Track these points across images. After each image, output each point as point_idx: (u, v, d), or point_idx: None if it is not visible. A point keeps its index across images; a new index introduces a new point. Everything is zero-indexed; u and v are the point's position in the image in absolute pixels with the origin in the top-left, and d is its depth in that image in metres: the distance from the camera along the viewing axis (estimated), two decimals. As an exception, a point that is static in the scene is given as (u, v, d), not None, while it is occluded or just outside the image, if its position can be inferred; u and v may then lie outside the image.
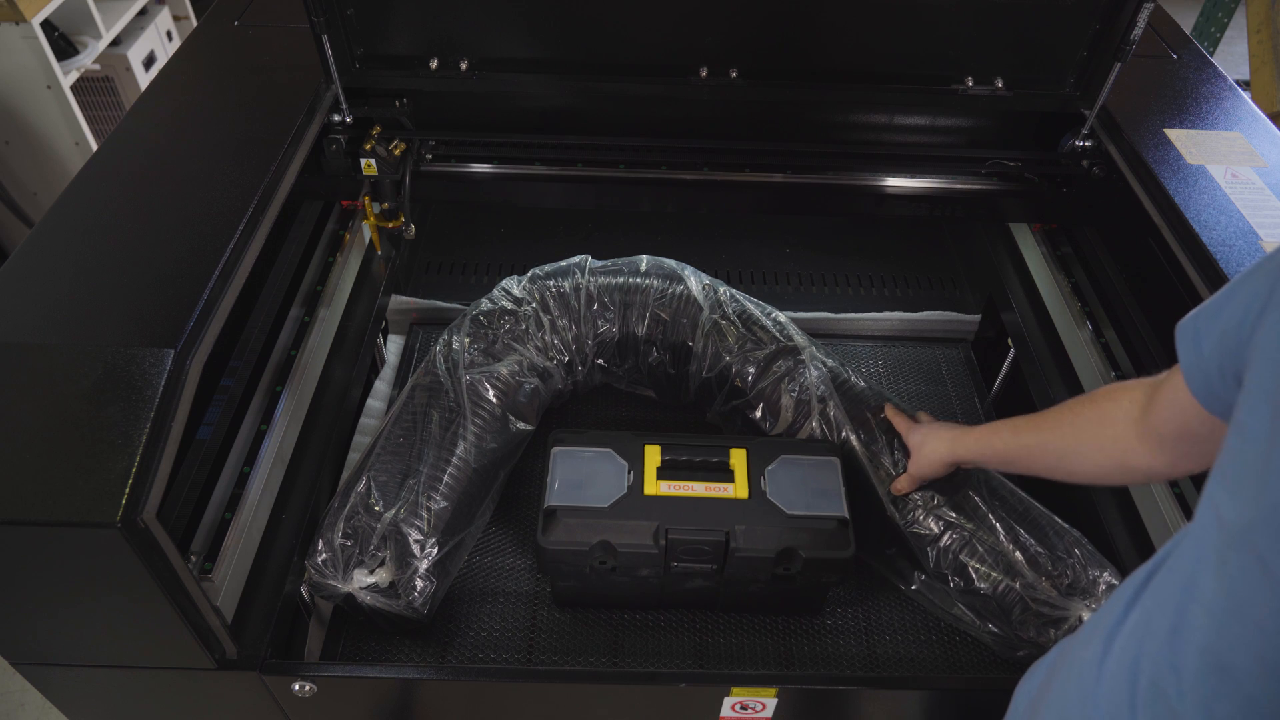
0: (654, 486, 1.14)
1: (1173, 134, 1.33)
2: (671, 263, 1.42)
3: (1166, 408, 0.79)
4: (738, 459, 1.17)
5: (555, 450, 1.18)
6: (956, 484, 1.18)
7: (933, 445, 1.13)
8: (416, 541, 1.11)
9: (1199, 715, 0.58)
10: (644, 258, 1.42)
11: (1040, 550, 1.12)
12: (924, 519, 1.16)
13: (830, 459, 1.18)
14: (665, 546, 1.09)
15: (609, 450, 1.18)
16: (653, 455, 1.17)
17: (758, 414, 1.30)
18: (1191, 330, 0.69)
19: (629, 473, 1.15)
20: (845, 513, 1.13)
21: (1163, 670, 0.61)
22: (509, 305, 1.37)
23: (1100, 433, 0.89)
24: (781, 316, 1.37)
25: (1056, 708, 0.74)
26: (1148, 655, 0.63)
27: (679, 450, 1.18)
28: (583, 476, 1.15)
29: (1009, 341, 1.52)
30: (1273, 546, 0.54)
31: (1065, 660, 0.77)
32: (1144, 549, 1.15)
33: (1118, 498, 1.22)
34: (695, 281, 1.38)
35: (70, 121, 2.43)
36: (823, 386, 1.27)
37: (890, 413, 1.23)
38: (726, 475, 1.16)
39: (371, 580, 1.08)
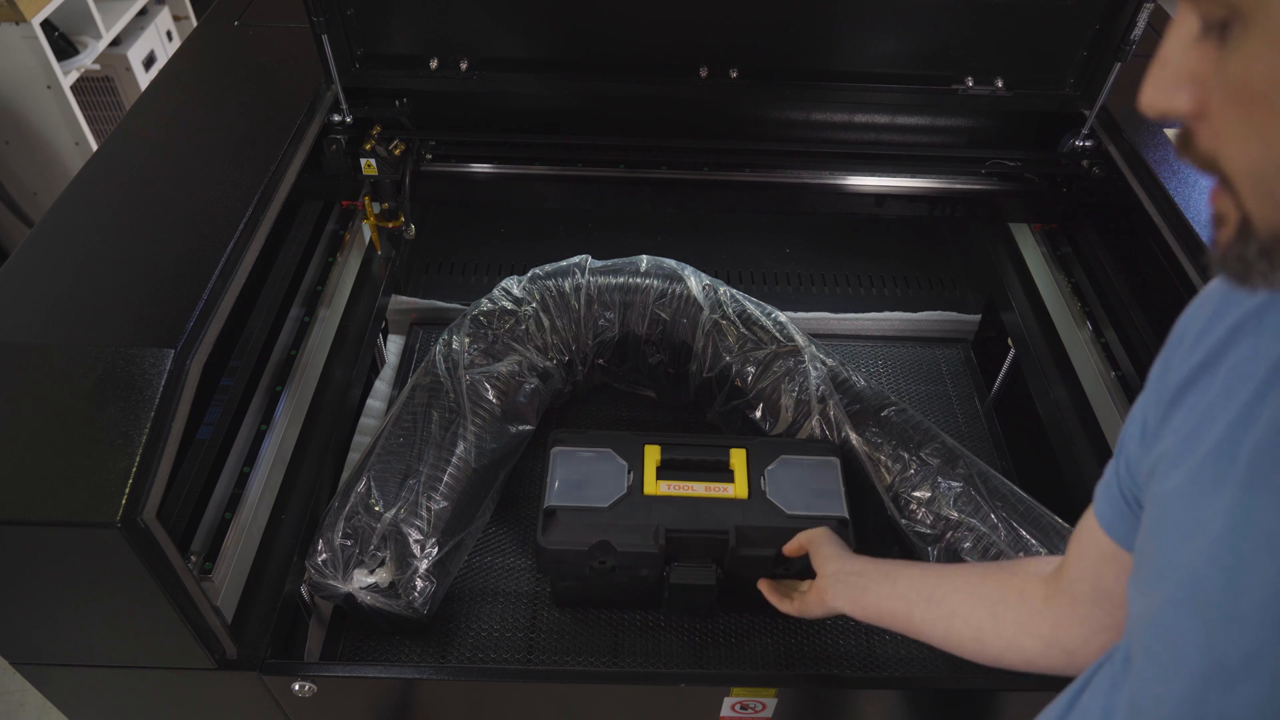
0: (654, 486, 1.14)
1: (1173, 134, 1.33)
2: (671, 263, 1.42)
3: (1079, 559, 0.71)
4: (738, 459, 1.17)
5: (555, 450, 1.18)
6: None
7: (828, 589, 0.95)
8: (416, 541, 1.11)
9: None
10: (644, 258, 1.42)
11: (1042, 550, 1.12)
12: (924, 519, 1.17)
13: (830, 459, 1.18)
14: (665, 546, 1.09)
15: (609, 450, 1.18)
16: (652, 455, 1.17)
17: (758, 414, 1.30)
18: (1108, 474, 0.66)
19: (629, 473, 1.15)
20: (845, 513, 1.13)
21: None
22: (509, 305, 1.37)
23: (1014, 593, 0.77)
24: (781, 316, 1.37)
25: None
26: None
27: (679, 450, 1.18)
28: (582, 476, 1.15)
29: (1009, 341, 1.52)
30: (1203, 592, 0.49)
31: None
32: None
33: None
34: (695, 281, 1.38)
35: (70, 121, 2.43)
36: (823, 386, 1.27)
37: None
38: (726, 475, 1.16)
39: (371, 580, 1.08)
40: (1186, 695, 0.49)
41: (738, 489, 1.14)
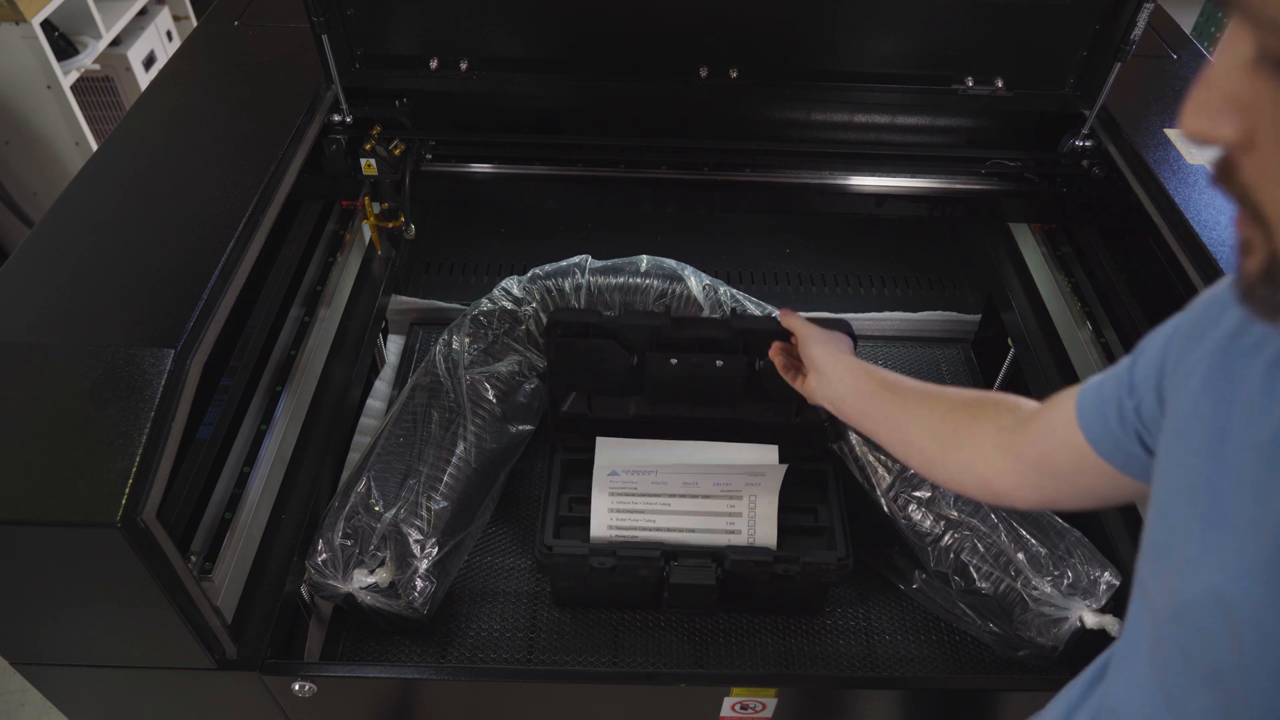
0: (654, 486, 1.14)
1: (1173, 134, 1.33)
2: (671, 263, 1.42)
3: (1042, 430, 0.74)
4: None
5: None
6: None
7: (825, 376, 1.00)
8: (416, 541, 1.11)
9: None
10: (644, 258, 1.42)
11: (1041, 550, 1.12)
12: (924, 519, 1.17)
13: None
14: (665, 547, 1.09)
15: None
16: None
17: (758, 414, 1.30)
18: (1093, 390, 0.69)
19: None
20: (844, 514, 1.13)
21: None
22: (509, 305, 1.37)
23: (966, 435, 0.81)
24: (781, 316, 1.37)
25: None
26: (1107, 709, 0.62)
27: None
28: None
29: (1009, 341, 1.52)
30: (1191, 634, 0.50)
31: None
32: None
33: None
34: (695, 281, 1.38)
35: (70, 121, 2.43)
36: (823, 386, 1.26)
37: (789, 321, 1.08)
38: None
39: (371, 580, 1.08)
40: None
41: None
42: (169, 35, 2.88)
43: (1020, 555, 1.12)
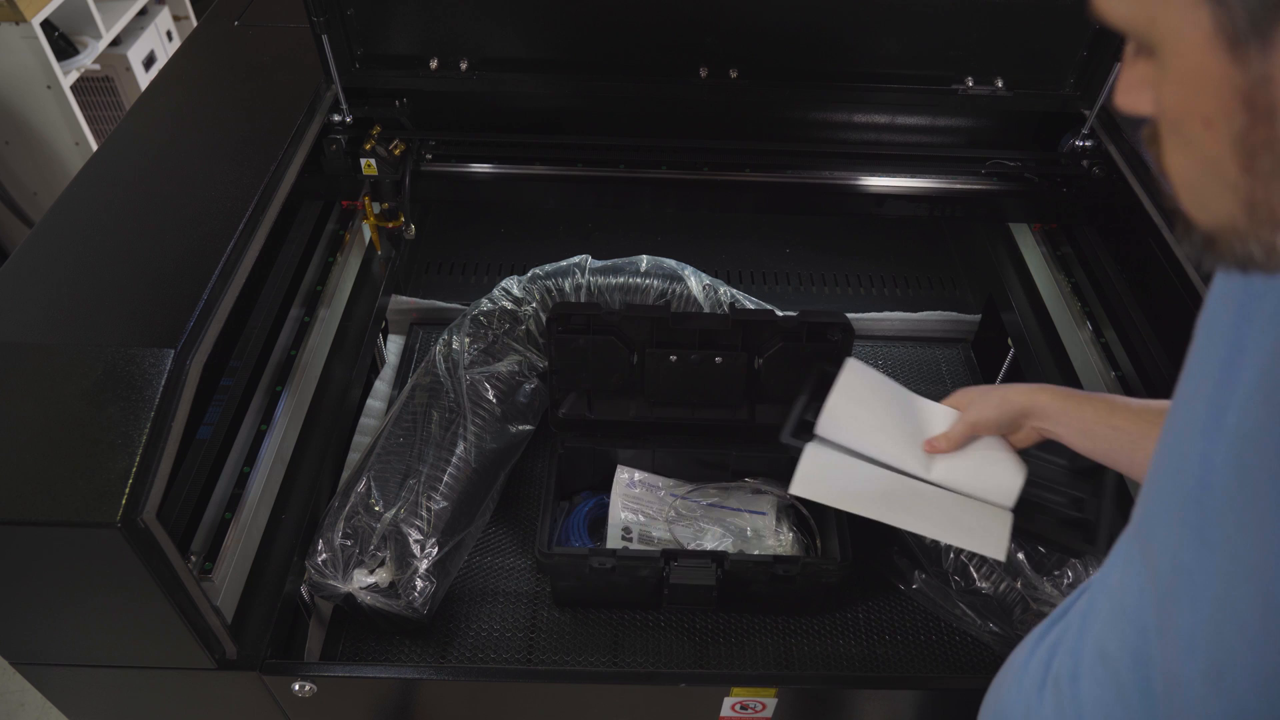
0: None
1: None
2: (671, 263, 1.42)
3: None
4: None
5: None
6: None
7: (998, 393, 0.93)
8: (416, 541, 1.11)
9: (1074, 695, 0.60)
10: (644, 258, 1.42)
11: (1041, 549, 1.12)
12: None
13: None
14: (665, 548, 1.09)
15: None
16: (653, 455, 1.18)
17: (758, 414, 1.30)
18: None
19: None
20: (844, 514, 1.12)
21: (1066, 658, 0.64)
22: (509, 305, 1.37)
23: None
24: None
25: (993, 697, 0.76)
26: (1063, 645, 0.65)
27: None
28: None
29: (1009, 341, 1.52)
30: (1151, 536, 0.54)
31: (1008, 662, 0.78)
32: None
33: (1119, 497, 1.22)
34: (695, 281, 1.38)
35: (70, 121, 2.43)
36: (823, 386, 1.27)
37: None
38: (726, 475, 1.16)
39: (371, 580, 1.08)
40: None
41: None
42: (169, 35, 2.88)
43: (1020, 555, 1.12)
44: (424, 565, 1.11)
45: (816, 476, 0.97)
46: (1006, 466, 0.95)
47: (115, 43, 2.62)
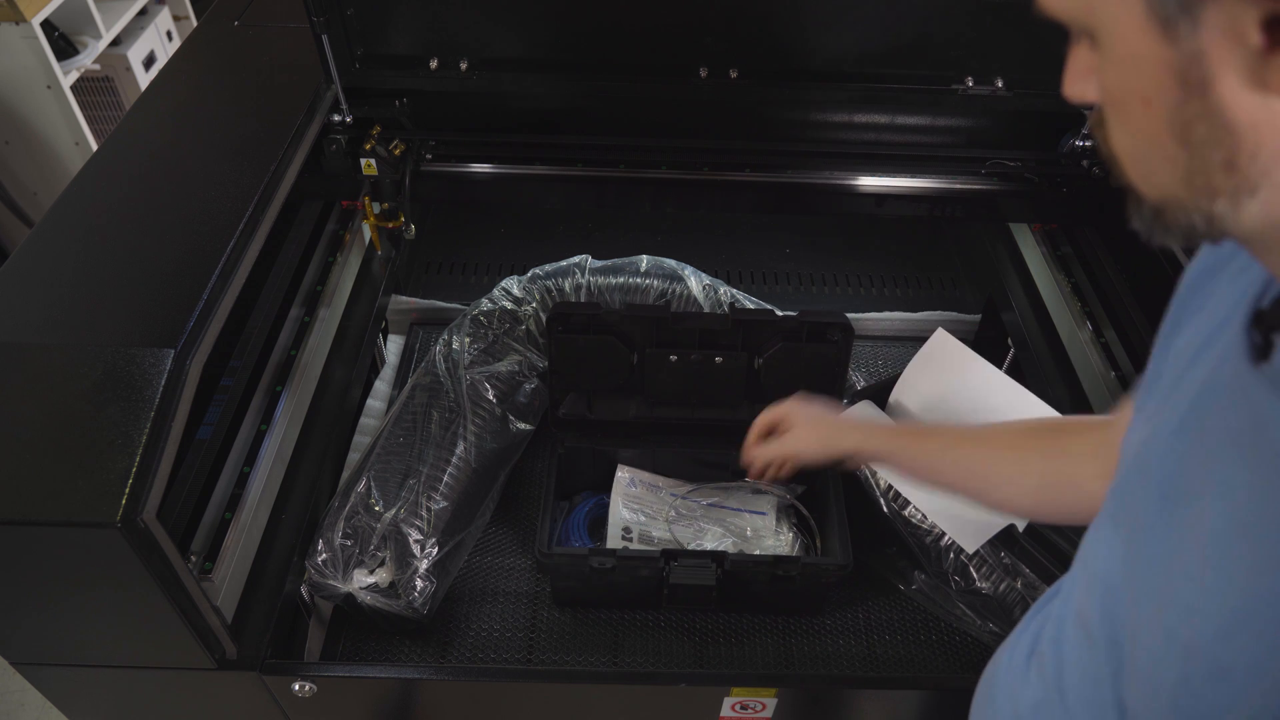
0: (654, 486, 1.14)
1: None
2: (671, 263, 1.42)
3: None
4: (738, 459, 1.17)
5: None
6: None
7: (827, 429, 0.96)
8: (416, 541, 1.11)
9: (1056, 655, 0.64)
10: (644, 258, 1.42)
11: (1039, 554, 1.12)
12: (923, 519, 1.16)
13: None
14: (665, 548, 1.09)
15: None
16: (653, 455, 1.18)
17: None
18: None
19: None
20: (844, 514, 1.13)
21: (1050, 627, 0.67)
22: (509, 305, 1.37)
23: (1053, 466, 0.80)
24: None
25: (985, 682, 0.79)
26: (1050, 617, 0.69)
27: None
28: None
29: (1009, 341, 1.52)
30: (1120, 507, 0.57)
31: (999, 649, 0.81)
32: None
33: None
34: (695, 281, 1.38)
35: (70, 121, 2.43)
36: (823, 386, 1.27)
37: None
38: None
39: (371, 580, 1.08)
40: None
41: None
42: (169, 35, 2.87)
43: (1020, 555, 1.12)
44: (424, 565, 1.11)
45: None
46: None
47: (115, 43, 2.62)
